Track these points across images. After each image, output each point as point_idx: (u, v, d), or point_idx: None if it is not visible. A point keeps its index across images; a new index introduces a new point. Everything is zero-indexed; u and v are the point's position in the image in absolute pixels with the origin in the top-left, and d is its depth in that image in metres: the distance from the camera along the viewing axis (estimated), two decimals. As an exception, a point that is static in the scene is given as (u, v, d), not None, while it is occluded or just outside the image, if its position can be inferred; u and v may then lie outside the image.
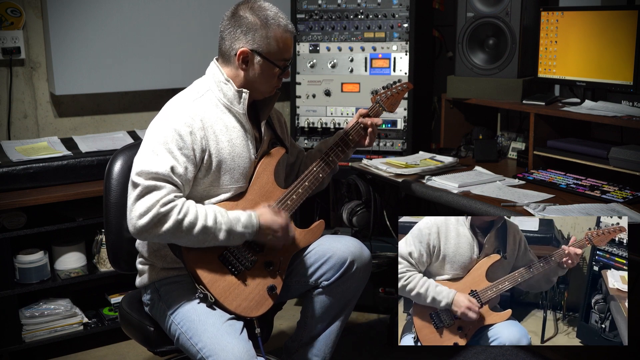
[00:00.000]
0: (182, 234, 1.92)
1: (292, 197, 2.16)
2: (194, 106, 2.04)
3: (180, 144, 1.97)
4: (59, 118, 3.28)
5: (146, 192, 1.90)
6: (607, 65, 2.69)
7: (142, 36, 3.28)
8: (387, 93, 2.36)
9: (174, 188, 1.94)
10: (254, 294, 2.05)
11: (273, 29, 2.04)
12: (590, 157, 2.63)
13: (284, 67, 2.09)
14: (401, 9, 3.21)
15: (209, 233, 1.95)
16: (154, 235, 1.91)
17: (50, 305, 2.92)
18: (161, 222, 1.89)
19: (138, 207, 1.90)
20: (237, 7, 2.07)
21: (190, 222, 1.92)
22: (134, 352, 2.96)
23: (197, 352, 1.94)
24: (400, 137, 3.29)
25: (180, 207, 1.92)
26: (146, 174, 1.92)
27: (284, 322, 3.14)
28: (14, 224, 2.76)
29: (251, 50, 2.04)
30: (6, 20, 3.05)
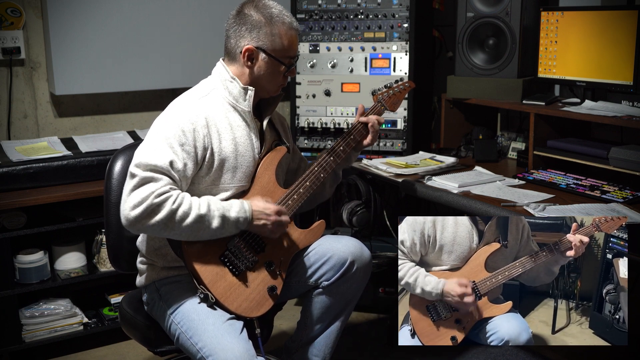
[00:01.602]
0: (175, 224, 1.91)
1: (293, 197, 2.16)
2: (199, 104, 2.05)
3: (182, 140, 1.97)
4: (59, 118, 3.28)
5: (142, 183, 1.90)
6: (607, 65, 2.69)
7: (142, 36, 3.28)
8: (388, 92, 2.36)
9: (170, 181, 1.93)
10: (255, 294, 2.05)
11: (278, 26, 2.05)
12: (590, 157, 2.63)
13: (289, 64, 2.10)
14: (401, 9, 3.21)
15: (203, 221, 1.94)
16: (146, 226, 1.90)
17: (50, 305, 2.92)
18: (154, 212, 1.88)
19: (132, 198, 1.89)
20: (242, 6, 2.09)
21: (184, 211, 1.91)
22: (134, 352, 2.96)
23: (197, 351, 1.94)
24: (400, 137, 3.29)
25: (175, 197, 1.91)
26: (144, 166, 1.92)
27: (284, 322, 3.14)
28: (14, 224, 2.76)
29: (256, 48, 2.05)
30: (6, 20, 3.05)
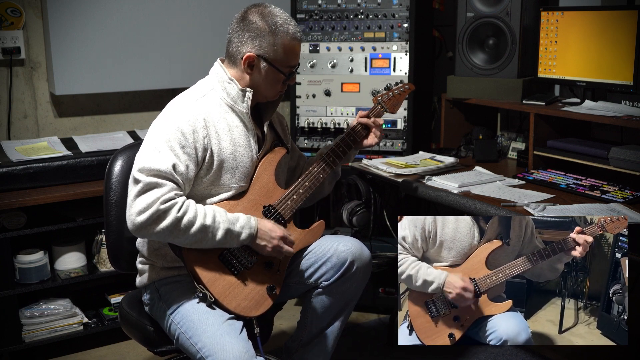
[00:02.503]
0: (180, 232, 1.92)
1: (292, 197, 2.16)
2: (197, 105, 2.05)
3: (183, 142, 1.97)
4: (59, 118, 3.28)
5: (147, 189, 1.90)
6: (607, 65, 2.69)
7: (142, 36, 3.28)
8: (388, 94, 2.36)
9: (174, 186, 1.94)
10: (254, 294, 2.05)
11: (281, 37, 2.04)
12: (590, 157, 2.62)
13: (289, 73, 2.10)
14: (401, 9, 3.21)
15: (207, 232, 1.95)
16: (152, 233, 1.91)
17: (50, 305, 2.92)
18: (160, 219, 1.89)
19: (138, 204, 1.90)
20: (247, 11, 2.07)
21: (189, 220, 1.92)
22: (134, 352, 2.96)
23: (197, 351, 1.94)
24: (400, 137, 3.29)
25: (180, 205, 1.92)
26: (148, 171, 1.92)
27: (284, 322, 3.14)
28: (14, 224, 2.76)
29: (257, 56, 2.05)
30: (6, 20, 3.05)
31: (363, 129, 2.30)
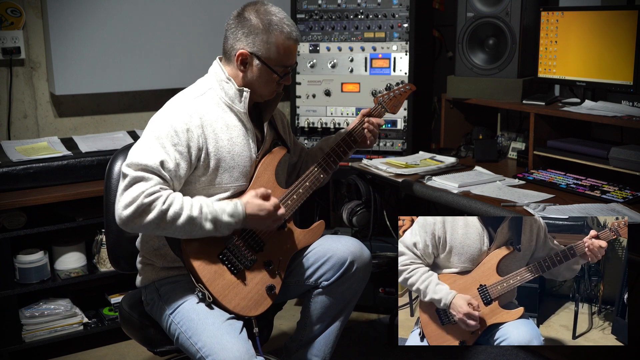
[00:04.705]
0: (167, 224, 1.91)
1: (292, 197, 2.16)
2: (195, 104, 2.04)
3: (175, 140, 1.97)
4: (59, 118, 3.28)
5: (133, 182, 1.90)
6: (607, 65, 2.69)
7: (142, 36, 3.28)
8: (389, 94, 2.36)
9: (160, 181, 1.93)
10: (253, 293, 2.05)
11: (275, 35, 2.03)
12: (590, 157, 2.62)
13: (283, 73, 2.08)
14: (401, 9, 3.21)
15: (195, 223, 1.94)
16: (139, 226, 1.91)
17: (50, 305, 2.92)
18: (145, 212, 1.89)
19: (124, 198, 1.90)
20: (244, 8, 2.07)
21: (175, 212, 1.91)
22: (134, 352, 2.96)
23: (197, 351, 1.94)
24: (400, 137, 3.29)
25: (165, 197, 1.91)
26: (135, 165, 1.92)
27: (284, 322, 3.14)
28: (14, 224, 2.76)
29: (250, 53, 2.04)
30: (6, 20, 3.05)
31: (363, 129, 2.30)
